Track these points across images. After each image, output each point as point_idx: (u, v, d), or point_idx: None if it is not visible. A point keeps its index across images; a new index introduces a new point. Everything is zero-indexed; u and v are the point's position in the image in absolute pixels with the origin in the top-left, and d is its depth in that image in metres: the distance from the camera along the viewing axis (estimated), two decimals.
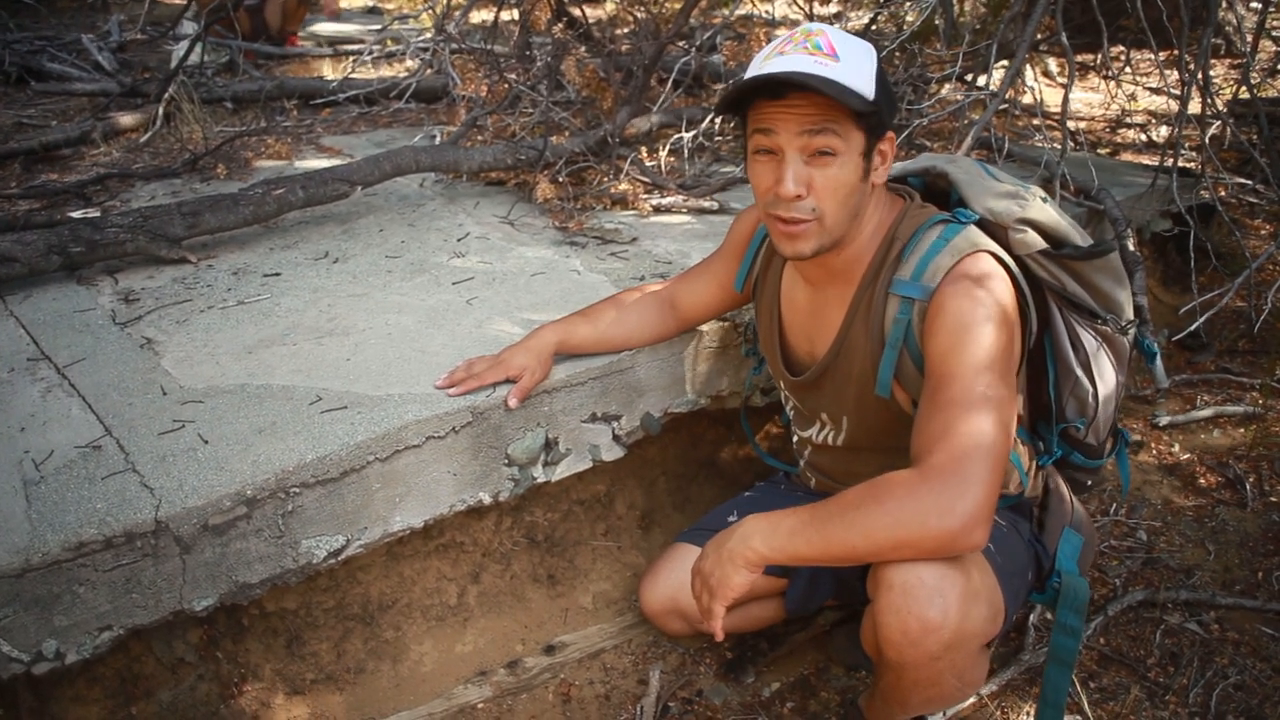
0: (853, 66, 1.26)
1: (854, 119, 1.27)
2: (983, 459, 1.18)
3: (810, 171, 1.28)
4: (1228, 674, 1.73)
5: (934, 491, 1.17)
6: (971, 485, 1.17)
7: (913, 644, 1.26)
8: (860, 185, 1.32)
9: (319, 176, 2.36)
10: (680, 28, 2.86)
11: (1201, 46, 2.30)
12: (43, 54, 3.99)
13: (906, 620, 1.24)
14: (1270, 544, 2.06)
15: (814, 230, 1.32)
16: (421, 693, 1.70)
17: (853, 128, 1.27)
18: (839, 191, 1.30)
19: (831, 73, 1.24)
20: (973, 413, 1.21)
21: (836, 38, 1.28)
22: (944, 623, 1.24)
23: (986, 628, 1.30)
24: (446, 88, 3.53)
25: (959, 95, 2.80)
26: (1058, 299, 1.46)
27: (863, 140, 1.29)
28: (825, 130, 1.26)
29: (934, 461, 1.20)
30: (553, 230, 2.37)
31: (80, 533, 1.30)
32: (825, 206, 1.30)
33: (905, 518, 1.17)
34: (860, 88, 1.25)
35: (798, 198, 1.29)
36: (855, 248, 1.40)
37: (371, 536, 1.55)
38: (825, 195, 1.29)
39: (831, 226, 1.32)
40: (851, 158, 1.29)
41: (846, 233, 1.36)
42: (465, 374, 1.62)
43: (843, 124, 1.26)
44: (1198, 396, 2.59)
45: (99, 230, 2.09)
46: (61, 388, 1.65)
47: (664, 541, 1.94)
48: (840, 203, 1.31)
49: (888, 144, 1.34)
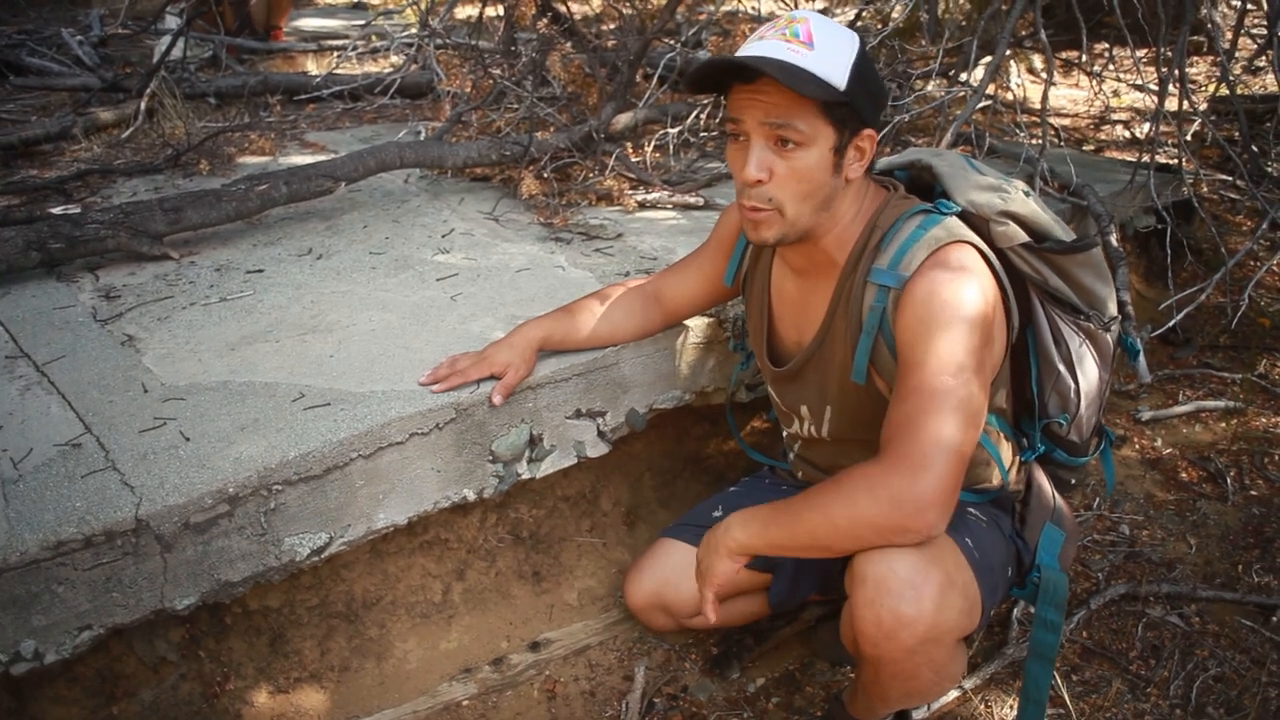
0: (826, 56, 1.25)
1: (821, 111, 1.26)
2: (943, 446, 1.20)
3: (774, 159, 1.29)
4: (1208, 666, 1.75)
5: (890, 477, 1.20)
6: (928, 470, 1.19)
7: (887, 637, 1.27)
8: (828, 179, 1.32)
9: (303, 172, 2.34)
10: (666, 23, 2.86)
11: (1179, 44, 2.32)
12: (22, 48, 3.94)
13: (880, 614, 1.26)
14: (1250, 537, 2.08)
15: (774, 219, 1.33)
16: (406, 690, 1.69)
17: (819, 119, 1.27)
18: (800, 183, 1.30)
19: (802, 61, 1.24)
20: (936, 401, 1.22)
21: (818, 26, 1.28)
22: (918, 616, 1.25)
23: (962, 621, 1.32)
24: (431, 84, 3.51)
25: (941, 91, 2.81)
26: (1040, 293, 1.47)
27: (832, 133, 1.29)
28: (788, 119, 1.26)
29: (893, 449, 1.22)
30: (538, 226, 2.36)
31: (59, 531, 1.28)
32: (783, 196, 1.31)
33: (861, 502, 1.21)
34: (831, 78, 1.25)
35: (758, 183, 1.30)
36: (835, 238, 1.40)
37: (355, 534, 1.54)
38: (785, 184, 1.30)
39: (793, 218, 1.33)
40: (818, 149, 1.29)
41: (814, 225, 1.36)
42: (449, 370, 1.61)
43: (807, 115, 1.26)
44: (1179, 391, 2.61)
45: (79, 226, 2.07)
46: (40, 385, 1.64)
47: (649, 538, 1.93)
48: (801, 195, 1.31)
49: (866, 140, 1.33)
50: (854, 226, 1.40)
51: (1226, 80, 2.68)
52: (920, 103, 2.72)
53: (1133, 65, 4.40)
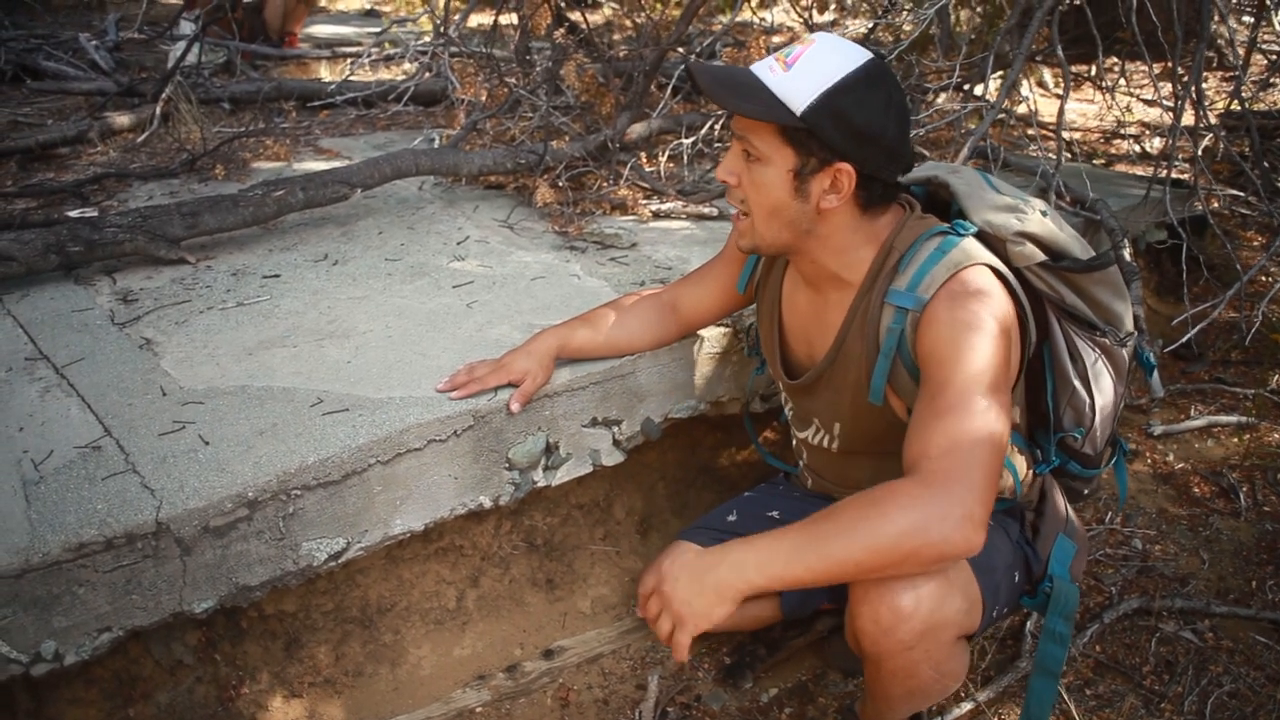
0: (796, 81, 1.27)
1: (778, 132, 1.30)
2: (979, 466, 1.20)
3: (742, 166, 1.35)
4: (1222, 682, 1.75)
5: (936, 498, 1.18)
6: (970, 492, 1.18)
7: (885, 632, 1.28)
8: (790, 201, 1.34)
9: (319, 178, 2.35)
10: (682, 34, 2.87)
11: (1195, 60, 2.32)
12: (39, 52, 3.97)
13: (879, 609, 1.27)
14: (1264, 553, 2.07)
15: (747, 227, 1.40)
16: (420, 696, 1.69)
17: (776, 139, 1.31)
18: (760, 195, 1.35)
19: (770, 81, 1.28)
20: (969, 421, 1.23)
21: (815, 50, 1.29)
22: (915, 610, 1.26)
23: (961, 619, 1.33)
24: (445, 91, 3.53)
25: (955, 105, 2.82)
26: (1056, 311, 1.47)
27: (792, 156, 1.31)
28: (745, 132, 1.33)
29: (933, 469, 1.21)
30: (552, 235, 2.37)
31: (81, 533, 1.29)
32: (750, 204, 1.37)
33: (909, 527, 1.16)
34: (790, 102, 1.26)
35: (727, 184, 1.37)
36: (840, 263, 1.41)
37: (372, 539, 1.55)
38: (749, 193, 1.36)
39: (761, 230, 1.38)
40: (775, 169, 1.32)
41: (791, 245, 1.40)
42: (467, 378, 1.62)
43: (762, 133, 1.31)
44: (1191, 406, 2.61)
45: (98, 230, 2.08)
46: (60, 387, 1.65)
47: (662, 547, 1.93)
48: (765, 208, 1.36)
49: (842, 175, 1.31)
50: (863, 252, 1.41)
51: (1239, 96, 2.69)
52: (935, 117, 2.73)
53: (1147, 80, 4.41)
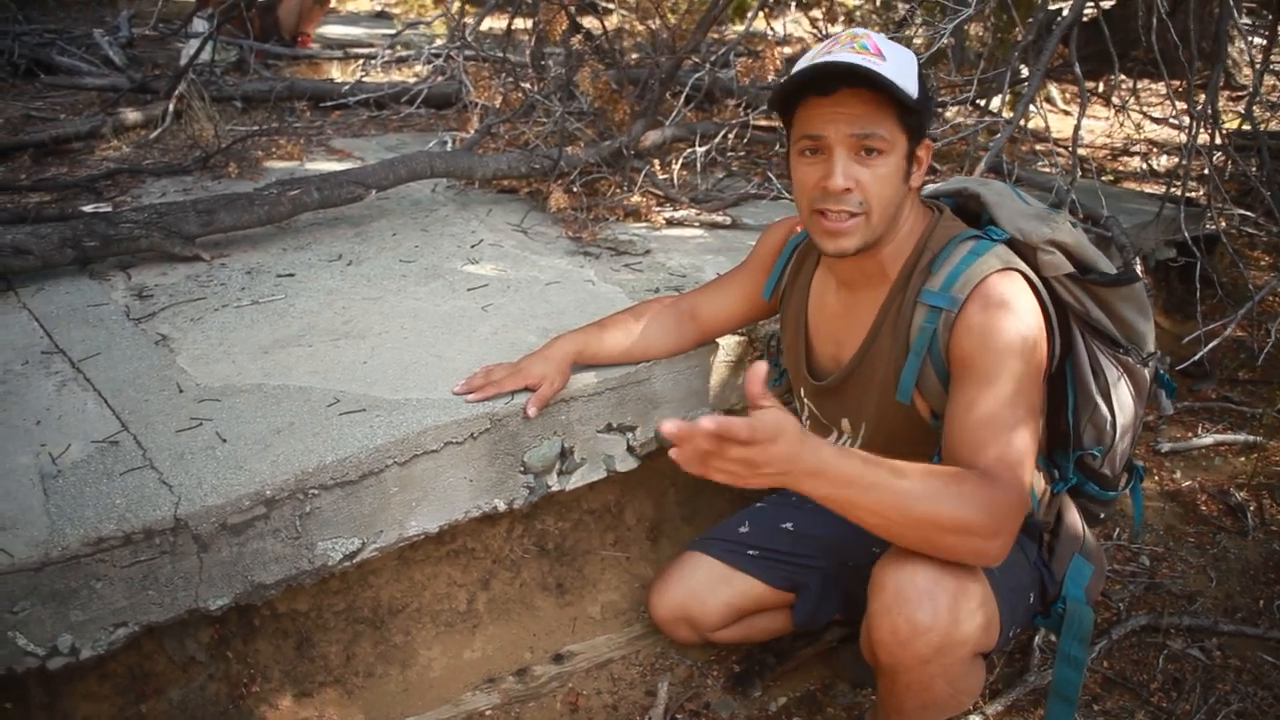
0: (899, 66, 1.30)
1: (899, 119, 1.31)
2: (1017, 467, 1.25)
3: (858, 169, 1.32)
4: (1230, 701, 1.75)
5: (997, 491, 1.21)
6: (1013, 488, 1.23)
7: (902, 645, 1.28)
8: (902, 186, 1.36)
9: (334, 179, 2.36)
10: (698, 42, 2.88)
11: (1212, 81, 2.34)
12: (52, 47, 3.97)
13: (896, 621, 1.27)
14: (1271, 572, 2.08)
15: (860, 226, 1.35)
16: (429, 698, 1.69)
17: (897, 128, 1.31)
18: (884, 189, 1.33)
19: (881, 69, 1.27)
20: (1013, 424, 1.26)
21: (881, 41, 1.32)
22: (933, 625, 1.26)
23: (979, 636, 1.33)
24: (458, 94, 3.54)
25: (969, 120, 2.83)
26: (1081, 324, 1.48)
27: (905, 142, 1.33)
28: (873, 127, 1.30)
29: (989, 466, 1.24)
30: (566, 240, 2.38)
31: (99, 528, 1.29)
32: (872, 202, 1.33)
33: (971, 505, 1.19)
34: (907, 86, 1.29)
35: (846, 191, 1.32)
36: (893, 249, 1.42)
37: (387, 540, 1.55)
38: (872, 191, 1.33)
39: (876, 223, 1.36)
40: (895, 158, 1.33)
41: (885, 233, 1.39)
42: (484, 381, 1.62)
43: (888, 123, 1.30)
44: (1199, 424, 2.61)
45: (113, 225, 2.08)
46: (76, 382, 1.65)
47: (672, 553, 1.93)
48: (885, 201, 1.35)
49: (925, 150, 1.38)
50: (908, 241, 1.43)
51: (1250, 116, 2.70)
52: (949, 131, 2.74)
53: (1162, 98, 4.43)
